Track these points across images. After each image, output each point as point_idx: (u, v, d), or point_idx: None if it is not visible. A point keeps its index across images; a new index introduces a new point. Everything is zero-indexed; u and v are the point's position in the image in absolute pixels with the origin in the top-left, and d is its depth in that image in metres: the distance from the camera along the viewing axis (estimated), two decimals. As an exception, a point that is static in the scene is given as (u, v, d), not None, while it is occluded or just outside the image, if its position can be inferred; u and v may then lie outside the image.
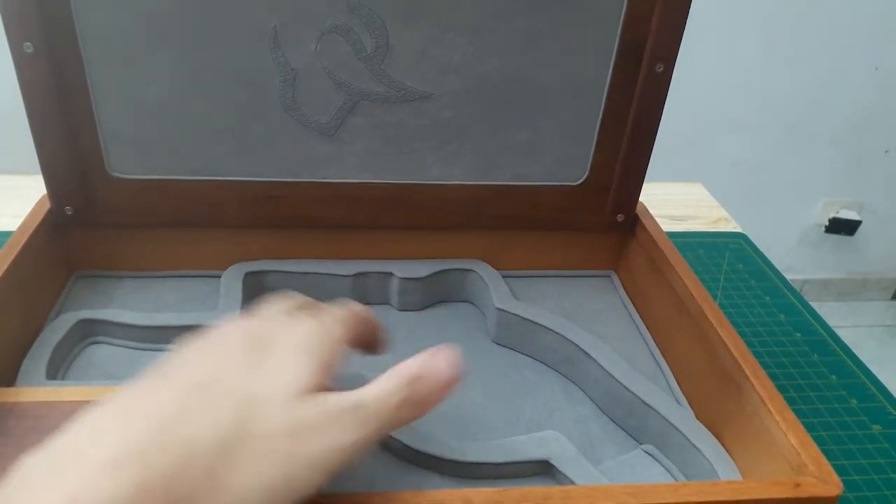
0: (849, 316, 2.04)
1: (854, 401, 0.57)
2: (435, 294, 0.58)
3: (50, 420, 0.41)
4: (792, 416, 0.40)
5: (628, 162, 0.54)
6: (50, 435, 0.40)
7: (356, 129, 0.50)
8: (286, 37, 0.47)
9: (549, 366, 0.53)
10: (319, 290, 0.56)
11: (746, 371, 0.43)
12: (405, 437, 0.43)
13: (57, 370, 0.47)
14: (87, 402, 0.42)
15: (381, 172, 0.52)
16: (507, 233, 0.57)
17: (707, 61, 1.64)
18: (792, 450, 0.39)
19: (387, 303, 0.58)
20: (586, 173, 0.54)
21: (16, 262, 0.46)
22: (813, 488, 0.36)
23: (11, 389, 0.42)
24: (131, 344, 0.49)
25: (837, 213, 1.92)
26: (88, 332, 0.49)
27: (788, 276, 0.72)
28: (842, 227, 1.94)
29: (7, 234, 0.66)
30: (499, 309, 0.54)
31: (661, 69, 0.50)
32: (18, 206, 0.71)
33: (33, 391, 0.42)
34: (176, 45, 0.47)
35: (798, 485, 0.36)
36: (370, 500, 0.33)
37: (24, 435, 0.40)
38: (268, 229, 0.55)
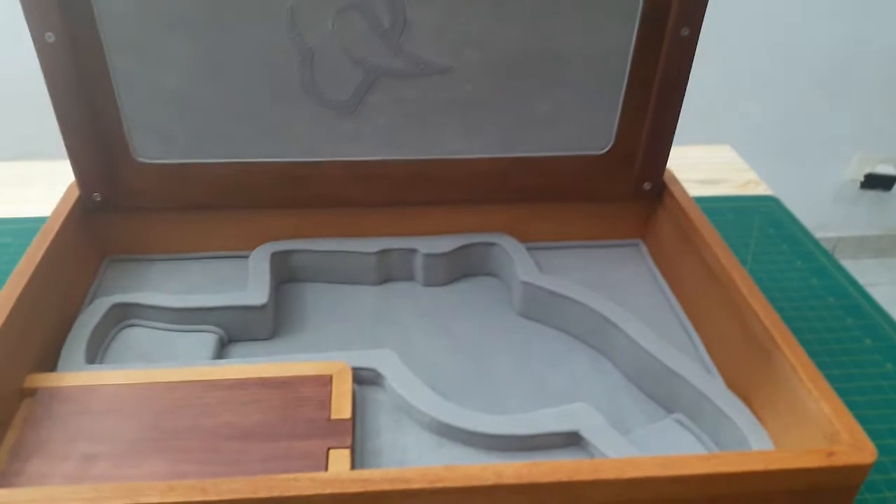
0: (885, 273, 2.00)
1: (889, 365, 0.56)
2: (459, 269, 0.58)
3: (93, 403, 0.42)
4: (825, 383, 0.40)
5: (654, 129, 0.53)
6: (93, 418, 0.41)
7: (376, 106, 0.50)
8: (303, 17, 0.47)
9: (575, 337, 0.53)
10: (344, 269, 0.56)
11: (777, 339, 0.43)
12: (435, 410, 0.44)
13: (95, 354, 0.48)
14: (126, 385, 0.43)
15: (402, 149, 0.52)
16: (531, 205, 0.57)
17: (732, 17, 1.60)
18: (825, 418, 0.39)
19: (411, 279, 0.58)
20: (611, 142, 0.53)
21: (50, 250, 0.47)
22: (846, 457, 0.36)
23: (55, 375, 0.44)
24: (165, 326, 0.50)
25: (874, 168, 1.87)
26: (123, 315, 0.51)
27: (822, 234, 0.71)
28: (878, 182, 1.89)
29: (35, 220, 0.68)
30: (524, 282, 0.54)
31: (687, 33, 0.49)
32: (45, 192, 0.72)
33: (76, 376, 0.43)
34: (193, 30, 0.47)
35: (831, 454, 0.36)
36: (403, 475, 0.33)
37: (70, 418, 0.41)
38: (292, 209, 0.55)
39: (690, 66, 0.51)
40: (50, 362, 0.46)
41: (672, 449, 0.44)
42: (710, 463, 0.35)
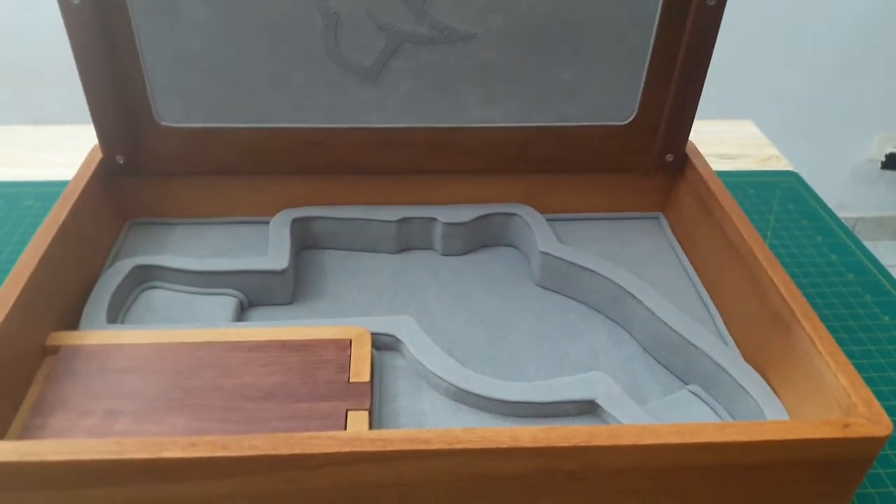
0: (904, 255, 1.98)
1: (907, 342, 0.56)
2: (478, 239, 0.58)
3: (114, 362, 0.42)
4: (843, 357, 0.40)
5: (678, 100, 0.52)
6: (114, 376, 0.42)
7: (398, 72, 0.50)
8: (327, -21, 0.46)
9: (593, 308, 0.53)
10: (364, 236, 0.57)
11: (797, 312, 0.43)
12: (453, 376, 0.44)
13: (116, 314, 0.48)
14: (147, 345, 0.44)
15: (423, 116, 0.52)
16: (552, 175, 0.57)
17: (758, -9, 1.57)
18: (842, 390, 0.39)
19: (430, 248, 0.58)
20: (634, 112, 0.53)
21: (73, 211, 0.48)
22: (862, 429, 0.36)
23: (77, 333, 0.44)
24: (186, 288, 0.51)
25: (894, 148, 1.84)
26: (144, 277, 0.51)
27: (841, 214, 0.70)
28: (898, 163, 1.86)
29: (55, 183, 0.69)
30: (543, 252, 0.54)
31: (713, 3, 0.48)
32: (62, 156, 0.73)
33: (97, 334, 0.44)
34: (218, -9, 0.47)
35: (847, 425, 0.36)
36: (422, 436, 0.34)
37: (91, 376, 0.42)
38: (313, 176, 0.55)
39: (716, 36, 0.50)
40: (71, 322, 0.47)
41: (687, 420, 0.44)
42: (725, 431, 0.35)
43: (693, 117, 0.54)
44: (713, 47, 0.50)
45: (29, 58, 1.43)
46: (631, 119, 0.53)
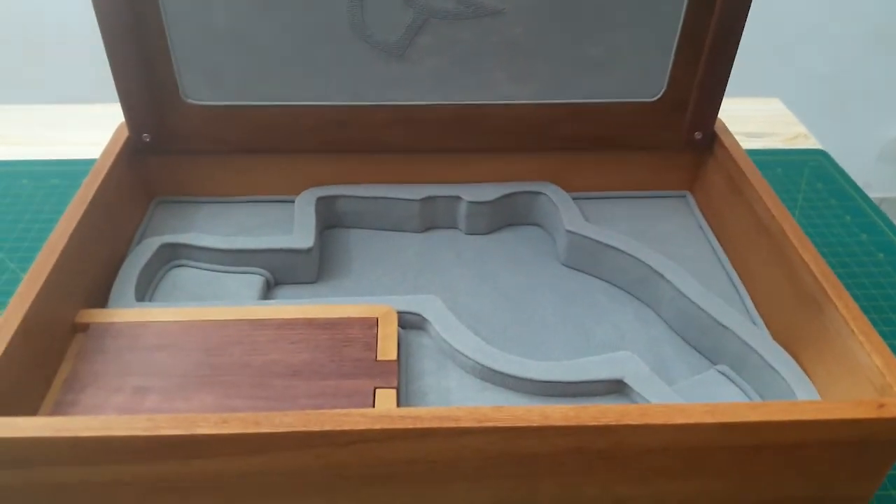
0: (929, 236, 1.95)
1: (939, 323, 0.55)
2: (503, 217, 0.58)
3: (144, 339, 0.43)
4: (877, 337, 0.39)
5: (708, 76, 0.51)
6: (144, 353, 0.42)
7: (425, 48, 0.49)
8: (353, -46, 0.46)
9: (620, 288, 0.53)
10: (388, 215, 0.56)
11: (829, 292, 0.42)
12: (479, 355, 0.44)
13: (144, 292, 0.49)
14: (176, 322, 0.44)
15: (449, 93, 0.52)
16: (578, 153, 0.56)
17: (786, -33, 1.54)
18: (876, 371, 0.38)
19: (455, 227, 0.58)
20: (663, 89, 0.52)
21: (101, 190, 0.48)
22: (898, 409, 0.35)
23: (107, 311, 0.45)
24: (213, 266, 0.51)
25: (922, 127, 1.81)
26: (171, 255, 0.51)
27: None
28: (926, 142, 1.83)
29: (80, 162, 0.69)
30: (569, 231, 0.53)
31: (746, -25, 0.47)
32: (85, 135, 0.73)
33: (127, 312, 0.44)
34: (243, -33, 0.46)
35: (882, 405, 0.35)
36: (452, 414, 0.34)
37: (121, 353, 0.42)
38: (338, 154, 0.55)
39: (747, 11, 0.49)
40: (100, 299, 0.47)
41: (716, 400, 0.44)
42: (758, 411, 0.35)
43: (722, 94, 0.53)
44: (745, 22, 0.49)
45: (49, 37, 1.43)
46: (659, 96, 0.52)
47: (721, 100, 0.53)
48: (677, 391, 0.44)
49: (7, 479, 0.34)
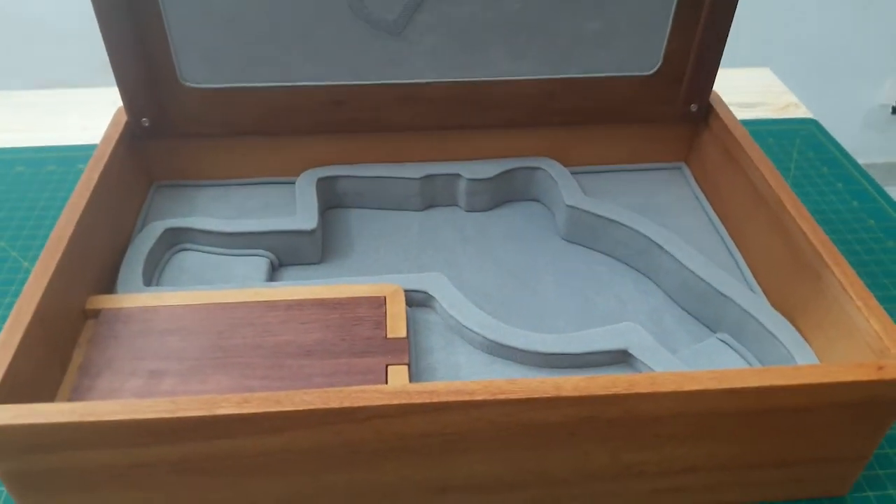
0: (913, 201, 1.98)
1: (930, 286, 0.57)
2: (503, 194, 0.58)
3: (155, 323, 0.43)
4: (874, 301, 0.41)
5: (703, 49, 0.52)
6: (156, 337, 0.42)
7: (424, 26, 0.49)
8: (350, -67, 0.46)
9: (620, 260, 0.54)
10: (388, 194, 0.57)
11: (826, 259, 0.43)
12: (487, 330, 0.45)
13: (151, 277, 0.49)
14: (187, 306, 0.44)
15: (448, 71, 0.52)
16: (576, 128, 0.57)
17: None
18: (874, 334, 0.39)
19: (455, 204, 0.58)
20: (659, 62, 0.53)
21: (103, 176, 0.48)
22: (896, 370, 0.36)
23: (116, 297, 0.45)
24: (217, 250, 0.51)
25: (905, 93, 1.82)
26: (175, 239, 0.51)
27: (851, 161, 0.70)
28: (909, 108, 1.84)
29: (78, 148, 0.69)
30: (569, 206, 0.54)
31: (740, -53, 0.48)
32: (80, 120, 0.73)
33: (136, 297, 0.45)
34: (239, -53, 0.46)
35: (881, 367, 0.36)
36: (467, 388, 0.34)
37: (133, 338, 0.42)
38: (337, 134, 0.55)
39: (742, -18, 0.49)
40: (107, 285, 0.47)
41: (718, 367, 0.45)
42: (762, 376, 0.36)
43: (717, 66, 0.53)
44: (740, -6, 0.49)
45: (33, 22, 1.41)
46: (656, 69, 0.53)
47: (716, 72, 0.54)
48: (680, 359, 0.45)
49: (31, 464, 0.34)
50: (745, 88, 0.81)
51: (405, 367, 0.41)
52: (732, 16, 0.50)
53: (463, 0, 0.48)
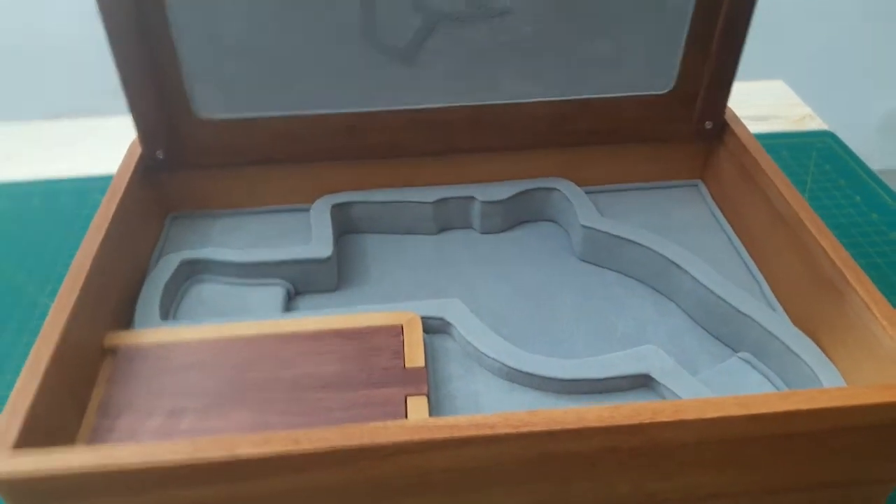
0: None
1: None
2: (517, 215, 0.58)
3: (173, 360, 0.43)
4: (900, 321, 0.40)
5: (717, 66, 0.51)
6: (175, 374, 0.42)
7: (435, 51, 0.49)
8: (360, -38, 0.46)
9: (638, 280, 0.53)
10: (403, 218, 0.57)
11: (849, 277, 0.42)
12: (506, 357, 0.44)
13: (168, 310, 0.49)
14: (204, 340, 0.44)
15: (460, 95, 0.52)
16: (590, 148, 0.56)
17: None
18: (901, 354, 0.38)
19: (469, 227, 0.58)
20: (673, 81, 0.52)
21: (119, 210, 0.48)
22: (926, 393, 0.36)
23: (134, 333, 0.45)
24: (234, 280, 0.51)
25: (919, 96, 1.81)
26: (191, 271, 0.52)
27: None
28: (924, 111, 1.83)
29: (92, 179, 0.69)
30: (584, 226, 0.54)
31: (751, -36, 0.47)
32: (93, 150, 0.73)
33: (154, 333, 0.45)
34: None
35: (910, 389, 0.36)
36: (488, 421, 0.34)
37: (152, 375, 0.42)
38: (350, 161, 0.55)
39: (756, 1, 0.49)
40: (124, 319, 0.47)
41: (741, 388, 0.44)
42: (788, 400, 0.35)
43: (732, 83, 0.53)
44: (753, 11, 0.49)
45: (42, 51, 1.43)
46: (670, 88, 0.53)
47: (730, 89, 0.53)
48: (702, 381, 0.44)
49: (52, 508, 0.34)
50: (759, 101, 0.80)
51: (424, 399, 0.41)
52: (746, 33, 0.50)
53: (473, 25, 0.48)
